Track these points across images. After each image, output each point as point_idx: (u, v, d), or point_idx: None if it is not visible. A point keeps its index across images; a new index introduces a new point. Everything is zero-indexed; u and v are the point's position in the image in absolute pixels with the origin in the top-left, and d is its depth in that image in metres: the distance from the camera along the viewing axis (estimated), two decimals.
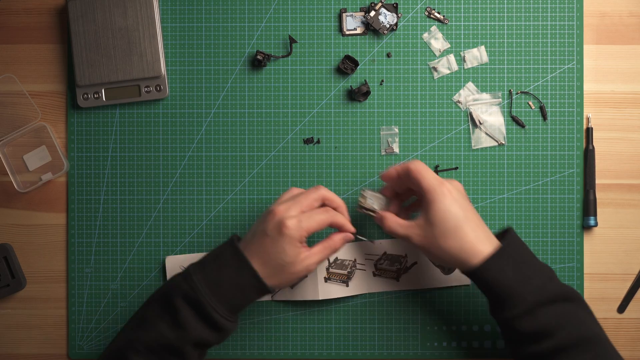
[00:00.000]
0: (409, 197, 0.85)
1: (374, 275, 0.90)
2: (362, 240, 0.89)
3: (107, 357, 0.77)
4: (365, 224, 0.91)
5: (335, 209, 0.81)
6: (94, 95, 0.90)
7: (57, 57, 0.92)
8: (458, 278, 0.89)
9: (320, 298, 0.88)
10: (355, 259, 0.89)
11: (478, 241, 0.76)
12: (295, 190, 0.81)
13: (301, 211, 0.78)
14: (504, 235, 0.80)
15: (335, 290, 0.88)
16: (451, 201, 0.77)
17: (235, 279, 0.77)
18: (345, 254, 0.89)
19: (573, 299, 0.77)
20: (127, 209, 0.92)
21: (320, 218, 0.78)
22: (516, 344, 0.77)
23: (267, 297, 0.90)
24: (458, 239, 0.76)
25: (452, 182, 0.79)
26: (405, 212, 0.86)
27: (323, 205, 0.81)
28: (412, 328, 0.90)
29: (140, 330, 0.76)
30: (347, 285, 0.88)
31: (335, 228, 0.81)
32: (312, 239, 0.87)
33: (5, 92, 0.91)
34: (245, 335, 0.91)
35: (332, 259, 0.89)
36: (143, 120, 0.92)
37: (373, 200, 0.84)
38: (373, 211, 0.83)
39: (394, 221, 0.81)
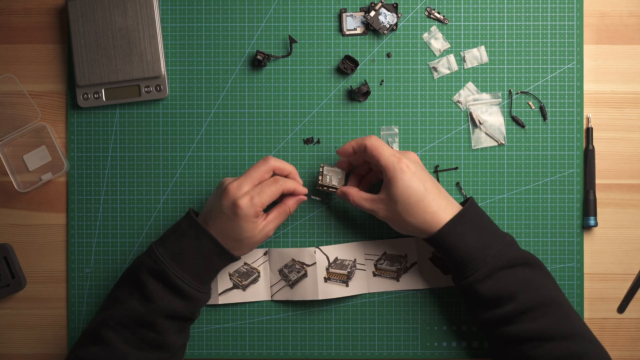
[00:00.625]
0: (366, 169, 0.88)
1: (374, 275, 0.90)
2: (315, 199, 0.90)
3: (83, 338, 0.80)
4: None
5: (286, 176, 0.84)
6: (94, 95, 0.90)
7: (57, 57, 0.92)
8: None
9: (320, 298, 0.88)
10: (355, 259, 0.89)
11: (440, 210, 0.79)
12: (272, 160, 0.84)
13: (252, 186, 0.81)
14: (464, 204, 0.83)
15: (335, 290, 0.88)
16: (410, 176, 0.79)
17: (195, 247, 0.80)
18: (345, 254, 0.89)
19: (533, 264, 0.80)
20: (127, 209, 0.91)
21: (271, 190, 0.81)
22: (479, 310, 0.79)
23: (266, 297, 0.90)
24: (421, 211, 0.79)
25: (408, 154, 0.82)
26: (366, 183, 0.88)
27: (274, 175, 0.84)
28: (412, 328, 0.90)
29: (112, 309, 0.79)
30: (347, 285, 0.88)
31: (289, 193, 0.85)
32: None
33: (5, 92, 0.91)
34: (245, 336, 0.91)
35: (332, 259, 0.89)
36: (143, 120, 0.92)
37: (331, 176, 0.86)
38: (333, 187, 0.86)
39: (358, 196, 0.83)
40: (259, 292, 0.90)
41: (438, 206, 0.79)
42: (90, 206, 0.92)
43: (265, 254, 0.90)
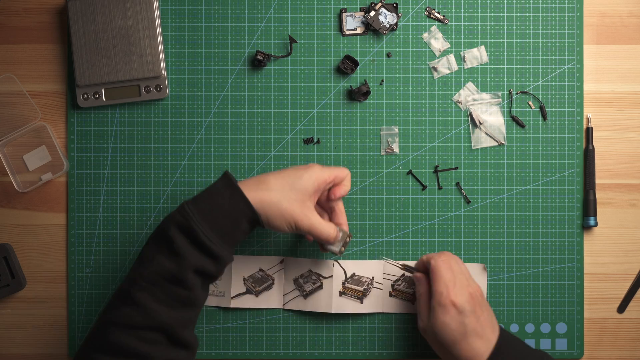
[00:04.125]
0: None
1: (390, 295, 0.89)
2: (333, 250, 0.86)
3: (113, 298, 0.78)
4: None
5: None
6: (94, 95, 0.90)
7: (57, 57, 0.92)
8: None
9: (334, 312, 0.87)
10: (373, 277, 0.89)
11: (476, 356, 0.78)
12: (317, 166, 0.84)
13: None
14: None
15: (348, 306, 0.88)
16: (452, 317, 0.78)
17: (227, 205, 0.78)
18: (363, 270, 0.89)
19: None
20: (127, 209, 0.92)
21: (335, 172, 0.82)
22: None
23: (278, 305, 0.90)
24: (454, 350, 0.78)
25: (466, 290, 0.80)
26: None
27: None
28: (412, 328, 0.90)
29: (141, 268, 0.77)
30: (362, 302, 0.88)
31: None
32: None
33: (5, 92, 0.91)
34: (245, 336, 0.91)
35: (349, 274, 0.89)
36: (143, 120, 0.92)
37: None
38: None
39: (424, 294, 0.83)
40: (271, 299, 0.90)
41: (474, 352, 0.78)
42: (90, 206, 0.92)
43: (281, 262, 0.90)
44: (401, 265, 0.88)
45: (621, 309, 0.91)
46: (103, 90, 0.90)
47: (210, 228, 0.77)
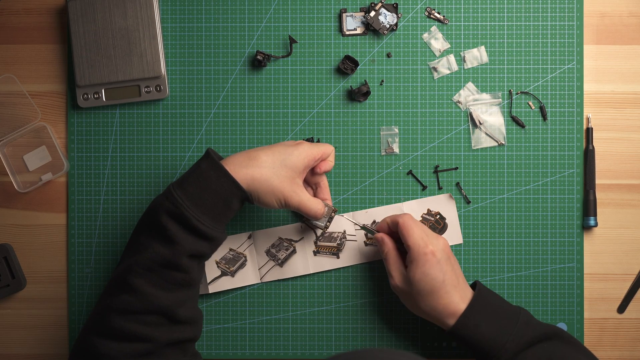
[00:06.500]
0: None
1: (366, 244, 0.90)
2: (319, 225, 0.89)
3: (111, 287, 0.78)
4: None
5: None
6: (94, 96, 0.90)
7: (57, 57, 0.92)
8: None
9: (312, 272, 0.88)
10: (344, 231, 0.90)
11: (452, 303, 0.80)
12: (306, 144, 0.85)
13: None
14: (472, 288, 0.83)
15: (326, 263, 0.88)
16: (432, 265, 0.80)
17: (216, 187, 0.78)
18: (334, 227, 0.90)
19: (551, 336, 0.80)
20: (127, 209, 0.92)
21: (322, 149, 0.84)
22: None
23: (255, 280, 0.90)
24: (433, 301, 0.80)
25: (438, 240, 0.82)
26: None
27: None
28: (412, 328, 0.90)
29: (136, 255, 0.77)
30: (338, 257, 0.89)
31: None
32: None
33: (5, 92, 0.91)
34: (246, 336, 0.91)
35: (319, 232, 0.90)
36: (143, 120, 0.92)
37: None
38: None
39: (391, 251, 0.84)
40: (247, 276, 0.90)
41: (450, 299, 0.80)
42: (90, 206, 0.92)
43: (249, 237, 0.90)
44: (360, 225, 0.89)
45: (621, 309, 0.91)
46: (103, 90, 0.90)
47: (201, 212, 0.77)
